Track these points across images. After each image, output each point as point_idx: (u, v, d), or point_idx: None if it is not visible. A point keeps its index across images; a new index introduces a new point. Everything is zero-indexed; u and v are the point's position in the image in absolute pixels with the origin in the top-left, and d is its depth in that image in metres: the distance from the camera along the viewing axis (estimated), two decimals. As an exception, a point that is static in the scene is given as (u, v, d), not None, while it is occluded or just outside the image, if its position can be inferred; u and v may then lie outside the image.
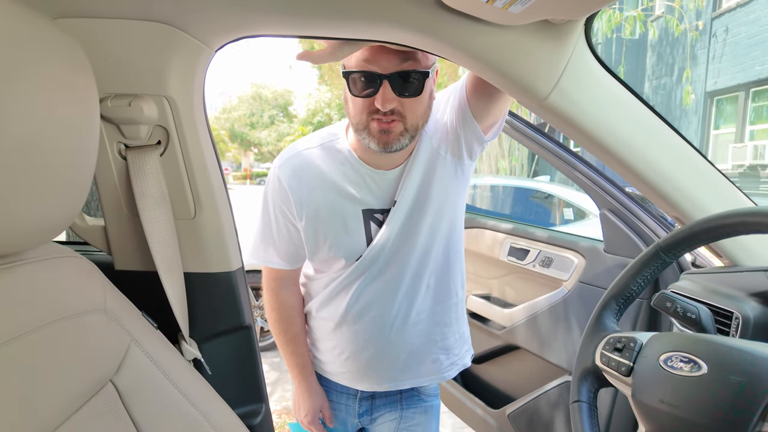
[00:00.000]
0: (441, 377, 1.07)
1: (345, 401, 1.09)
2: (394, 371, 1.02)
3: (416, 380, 1.05)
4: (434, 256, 0.98)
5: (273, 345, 3.56)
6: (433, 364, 1.04)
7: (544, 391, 1.45)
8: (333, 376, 1.07)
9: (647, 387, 0.52)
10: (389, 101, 0.79)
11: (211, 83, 63.52)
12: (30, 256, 0.55)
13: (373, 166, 0.92)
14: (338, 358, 1.02)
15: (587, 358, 0.63)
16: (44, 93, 0.48)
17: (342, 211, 0.92)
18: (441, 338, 1.04)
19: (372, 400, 1.08)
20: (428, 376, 1.05)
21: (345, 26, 0.69)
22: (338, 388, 1.09)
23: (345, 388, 1.08)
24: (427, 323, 1.02)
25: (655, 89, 11.29)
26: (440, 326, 1.04)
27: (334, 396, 1.10)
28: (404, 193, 0.92)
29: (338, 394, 1.10)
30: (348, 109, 0.86)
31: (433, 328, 1.03)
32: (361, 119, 0.83)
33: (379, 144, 0.83)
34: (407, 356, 1.01)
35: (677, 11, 5.57)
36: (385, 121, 0.81)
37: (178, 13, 0.65)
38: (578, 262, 1.41)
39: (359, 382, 1.04)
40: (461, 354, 1.10)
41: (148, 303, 0.75)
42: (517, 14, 0.60)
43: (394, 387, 1.04)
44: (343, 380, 1.06)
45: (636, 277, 0.64)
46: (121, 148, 0.76)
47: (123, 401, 0.60)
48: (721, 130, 10.23)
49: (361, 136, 0.84)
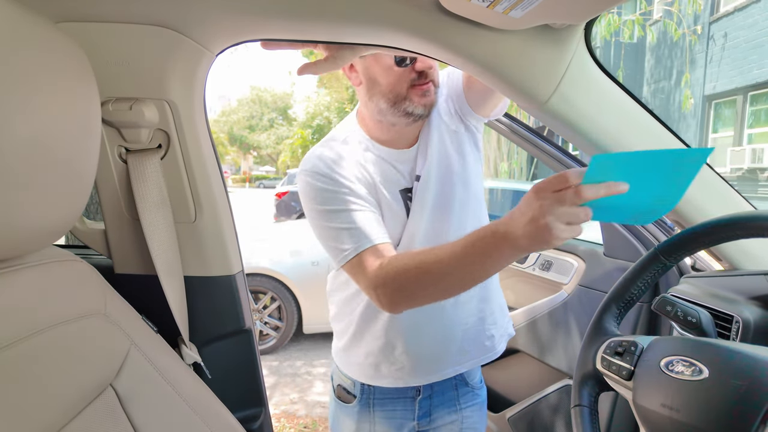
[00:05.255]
0: (495, 353, 1.06)
1: (402, 406, 1.04)
2: (451, 355, 1.00)
3: (474, 360, 1.03)
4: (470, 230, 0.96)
5: (273, 349, 3.56)
6: (488, 341, 1.04)
7: (545, 395, 1.44)
8: (387, 380, 1.01)
9: (648, 391, 0.52)
10: (427, 61, 0.87)
11: (210, 86, 63.44)
12: (30, 260, 0.55)
13: (393, 148, 0.95)
14: (391, 355, 0.98)
15: (588, 362, 0.63)
16: (46, 97, 0.48)
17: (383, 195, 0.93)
18: (489, 313, 1.04)
19: (430, 399, 1.05)
20: (485, 354, 1.04)
21: (345, 30, 0.69)
22: (393, 393, 1.03)
23: (401, 392, 1.03)
24: (476, 300, 1.01)
25: (654, 93, 11.32)
26: (487, 302, 1.03)
27: (390, 404, 1.04)
28: (427, 167, 0.93)
29: (394, 401, 1.04)
30: (379, 89, 0.89)
31: (481, 305, 1.02)
32: (401, 90, 0.88)
33: (422, 106, 0.89)
34: (462, 337, 1.00)
35: (676, 15, 5.59)
36: (422, 84, 0.88)
37: (180, 17, 0.66)
38: (578, 266, 1.41)
39: (415, 377, 1.00)
40: (506, 325, 1.10)
41: (148, 307, 0.74)
42: (517, 19, 0.60)
43: (453, 372, 1.02)
44: (399, 380, 1.00)
45: (636, 280, 0.64)
46: (121, 151, 0.76)
47: (123, 405, 0.60)
48: (719, 133, 10.26)
49: (402, 106, 0.88)
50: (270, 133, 34.09)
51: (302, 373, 3.25)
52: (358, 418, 1.05)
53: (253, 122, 35.37)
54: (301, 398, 2.90)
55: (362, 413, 1.05)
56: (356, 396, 1.05)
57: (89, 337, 0.58)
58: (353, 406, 1.05)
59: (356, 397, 1.05)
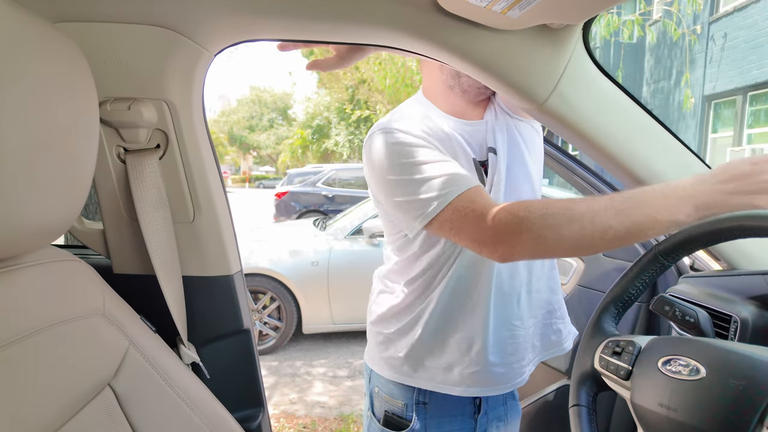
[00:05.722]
0: (562, 349, 0.99)
1: (460, 425, 0.92)
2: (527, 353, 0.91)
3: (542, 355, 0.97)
4: None
5: (272, 349, 3.56)
6: (554, 336, 0.97)
7: (543, 395, 1.44)
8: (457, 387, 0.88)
9: (646, 391, 0.52)
10: None
11: (210, 86, 63.50)
12: (28, 260, 0.55)
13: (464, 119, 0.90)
14: (467, 354, 0.87)
15: (586, 362, 0.63)
16: (44, 97, 0.48)
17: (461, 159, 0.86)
18: (558, 306, 0.97)
19: (486, 416, 0.93)
20: (552, 349, 0.98)
21: (343, 31, 0.69)
22: (454, 409, 0.91)
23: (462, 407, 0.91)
24: (546, 291, 0.94)
25: (654, 93, 11.33)
26: (555, 293, 0.97)
27: (447, 424, 0.91)
28: (497, 139, 0.88)
29: (452, 420, 0.91)
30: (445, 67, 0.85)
31: (550, 296, 0.95)
32: None
33: None
34: (534, 331, 0.93)
35: (675, 15, 5.59)
36: None
37: (178, 16, 0.66)
38: (577, 266, 1.41)
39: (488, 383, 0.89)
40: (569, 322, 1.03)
41: (147, 306, 0.74)
42: (515, 19, 0.60)
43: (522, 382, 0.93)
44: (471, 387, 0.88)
45: (635, 280, 0.64)
46: (120, 151, 0.76)
47: (121, 405, 0.60)
48: (719, 133, 10.26)
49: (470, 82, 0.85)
50: (270, 133, 34.11)
51: (302, 373, 3.25)
52: None
53: (252, 122, 35.38)
54: (300, 398, 2.90)
55: None
56: (411, 420, 0.90)
57: (88, 336, 0.58)
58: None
59: (411, 422, 0.90)
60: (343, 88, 13.31)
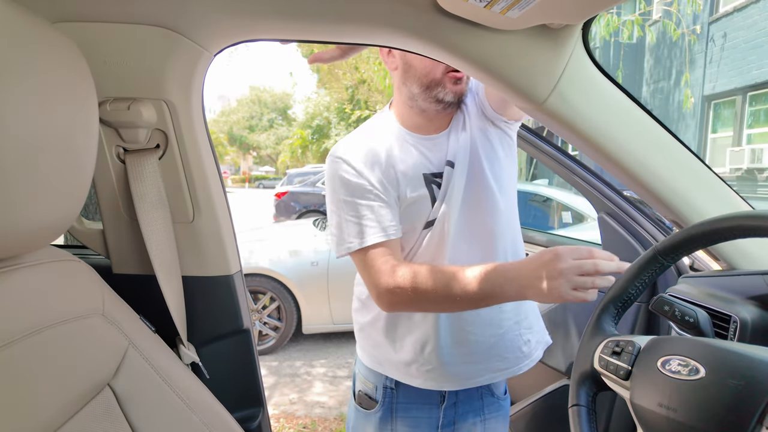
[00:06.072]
0: (532, 360, 1.01)
1: (427, 413, 1.00)
2: (485, 361, 0.96)
3: (510, 370, 0.98)
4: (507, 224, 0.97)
5: (272, 349, 3.56)
6: (525, 347, 0.99)
7: (543, 395, 1.44)
8: (416, 380, 0.97)
9: (645, 391, 0.52)
10: None
11: (209, 86, 63.52)
12: (28, 260, 0.55)
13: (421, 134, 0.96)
14: (421, 354, 0.94)
15: (585, 362, 0.63)
16: (43, 96, 0.48)
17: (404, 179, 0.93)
18: (524, 317, 1.00)
19: (455, 408, 1.01)
20: (522, 362, 1.00)
21: (343, 31, 0.69)
22: (420, 398, 0.99)
23: (426, 397, 0.99)
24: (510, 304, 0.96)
25: (653, 93, 11.33)
26: (521, 305, 0.99)
27: (414, 410, 1.00)
28: (456, 153, 0.93)
29: (418, 407, 1.00)
30: (414, 72, 0.91)
31: (517, 306, 0.98)
32: (435, 76, 0.89)
33: (453, 93, 0.91)
34: (497, 341, 0.96)
35: (675, 15, 5.59)
36: (457, 72, 0.90)
37: (178, 17, 0.65)
38: (577, 266, 1.41)
39: (446, 381, 0.96)
40: (541, 330, 1.06)
41: (146, 306, 0.74)
42: (515, 19, 0.60)
43: (488, 380, 0.98)
44: (428, 382, 0.96)
45: (634, 280, 0.64)
46: (119, 151, 0.76)
47: (120, 405, 0.60)
48: (718, 133, 10.27)
49: (434, 91, 0.90)
50: (270, 133, 34.10)
51: (301, 373, 3.25)
52: (379, 425, 1.00)
53: (252, 122, 35.37)
54: (300, 398, 2.90)
55: (383, 420, 1.00)
56: (378, 401, 1.01)
57: (87, 336, 0.58)
58: (375, 412, 1.01)
59: (378, 402, 1.01)
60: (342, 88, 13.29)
